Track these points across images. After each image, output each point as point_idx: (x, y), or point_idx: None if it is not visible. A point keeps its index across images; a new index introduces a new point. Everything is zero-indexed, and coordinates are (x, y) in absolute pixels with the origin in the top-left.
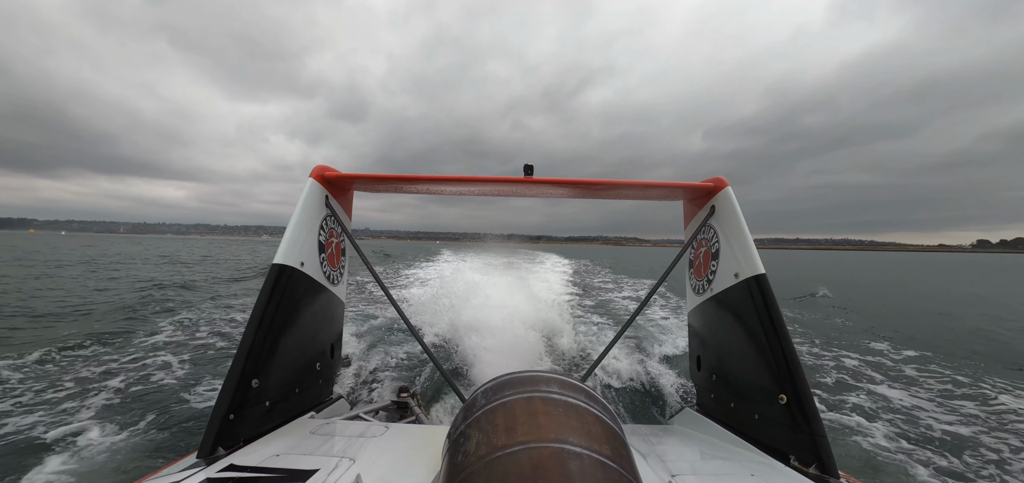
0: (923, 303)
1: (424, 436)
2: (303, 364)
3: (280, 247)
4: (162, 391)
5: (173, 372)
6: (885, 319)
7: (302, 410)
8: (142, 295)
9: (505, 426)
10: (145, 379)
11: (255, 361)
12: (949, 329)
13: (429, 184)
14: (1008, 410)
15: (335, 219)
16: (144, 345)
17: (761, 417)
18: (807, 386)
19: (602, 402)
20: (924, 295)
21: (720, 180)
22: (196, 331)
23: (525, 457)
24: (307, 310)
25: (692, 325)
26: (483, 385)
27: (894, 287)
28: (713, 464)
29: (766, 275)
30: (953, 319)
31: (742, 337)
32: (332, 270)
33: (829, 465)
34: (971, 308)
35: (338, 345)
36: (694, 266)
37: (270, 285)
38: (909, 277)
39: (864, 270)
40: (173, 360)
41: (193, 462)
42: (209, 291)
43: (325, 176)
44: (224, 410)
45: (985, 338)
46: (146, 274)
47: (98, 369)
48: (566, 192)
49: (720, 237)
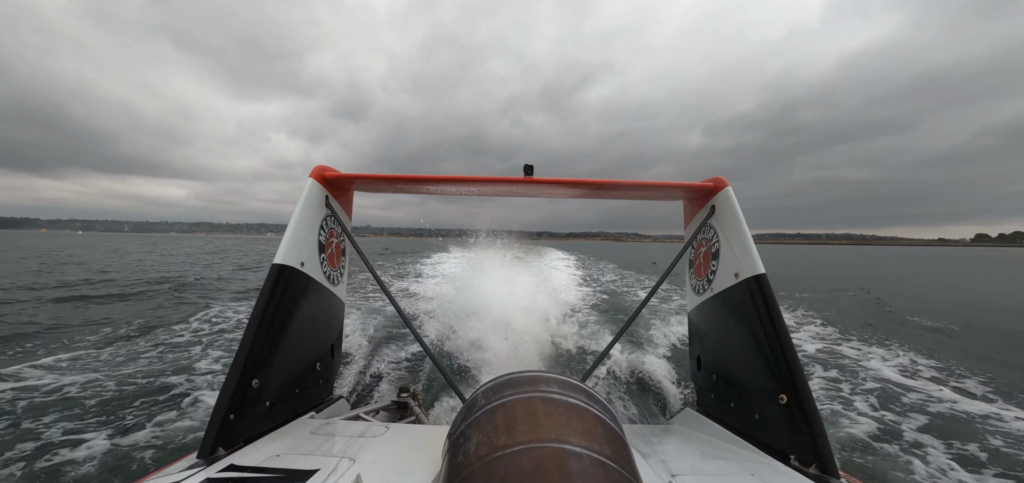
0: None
1: (424, 436)
2: (303, 364)
3: (280, 247)
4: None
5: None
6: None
7: (302, 410)
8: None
9: (505, 426)
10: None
11: (255, 361)
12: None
13: (429, 184)
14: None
15: (335, 219)
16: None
17: (761, 417)
18: (807, 386)
19: (602, 402)
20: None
21: (720, 180)
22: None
23: (525, 457)
24: (307, 310)
25: (692, 325)
26: (483, 385)
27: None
28: (713, 464)
29: (766, 275)
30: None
31: (742, 337)
32: (332, 270)
33: (829, 465)
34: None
35: (338, 345)
36: (694, 266)
37: (270, 285)
38: (931, 272)
39: (888, 267)
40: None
41: (193, 462)
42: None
43: (325, 176)
44: (224, 410)
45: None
46: (217, 260)
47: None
48: (566, 192)
49: (720, 237)
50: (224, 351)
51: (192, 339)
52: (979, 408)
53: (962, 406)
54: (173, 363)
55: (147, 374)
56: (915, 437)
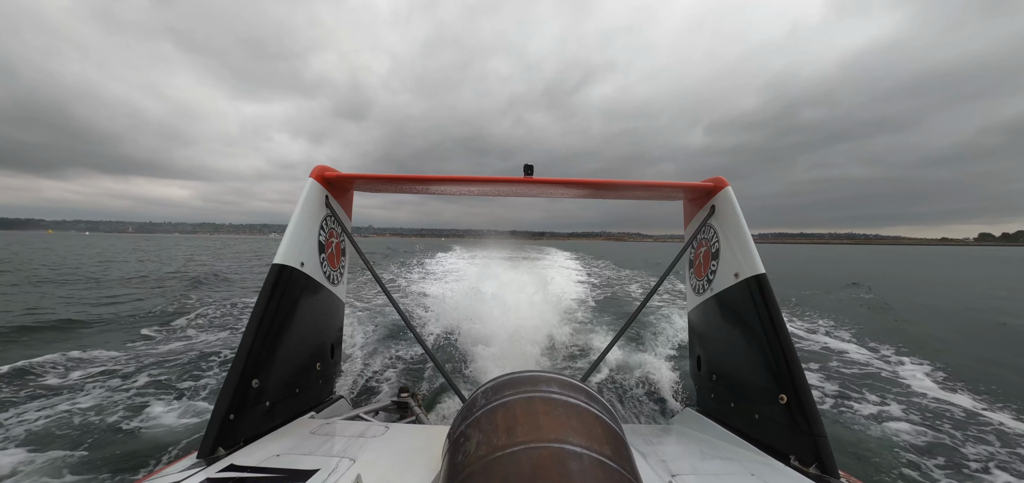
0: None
1: (424, 436)
2: (303, 364)
3: (280, 247)
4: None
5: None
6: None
7: (302, 410)
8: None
9: (505, 426)
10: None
11: (255, 361)
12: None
13: (429, 184)
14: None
15: (335, 219)
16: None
17: (761, 417)
18: (807, 386)
19: (602, 402)
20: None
21: (720, 180)
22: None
23: (525, 457)
24: (307, 310)
25: (692, 325)
26: (483, 385)
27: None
28: (713, 464)
29: (766, 275)
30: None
31: (742, 337)
32: (332, 270)
33: (829, 465)
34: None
35: (338, 345)
36: (694, 266)
37: (270, 285)
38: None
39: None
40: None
41: (193, 462)
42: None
43: (325, 176)
44: (224, 410)
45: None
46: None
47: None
48: (566, 192)
49: (720, 237)
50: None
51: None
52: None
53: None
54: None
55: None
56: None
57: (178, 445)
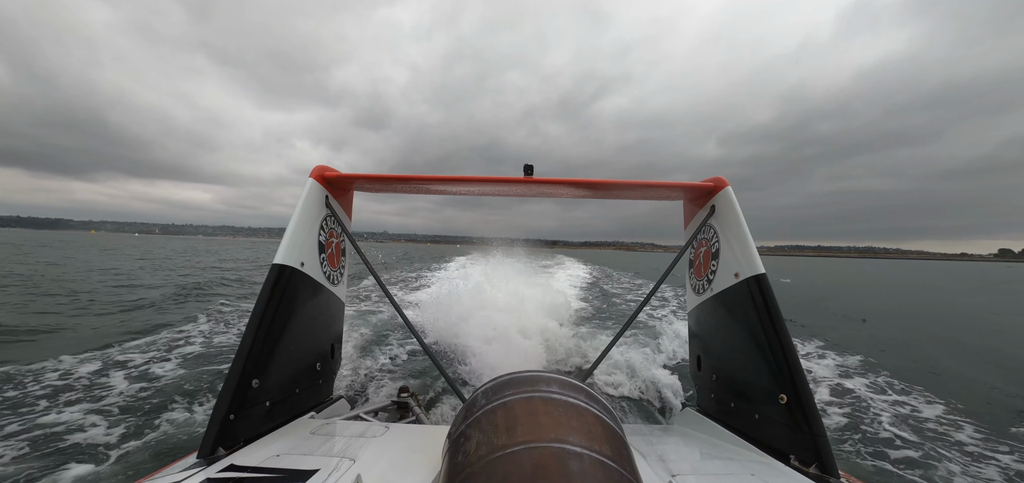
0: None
1: (424, 436)
2: (303, 364)
3: (280, 247)
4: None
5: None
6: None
7: (302, 410)
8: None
9: (505, 426)
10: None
11: (255, 361)
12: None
13: (429, 184)
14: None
15: (335, 219)
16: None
17: (761, 417)
18: (807, 386)
19: (602, 402)
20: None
21: (720, 180)
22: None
23: (525, 457)
24: (307, 310)
25: (692, 325)
26: (483, 385)
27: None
28: (713, 464)
29: (766, 275)
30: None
31: (742, 337)
32: (332, 270)
33: (829, 465)
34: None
35: (338, 345)
36: (694, 266)
37: (270, 285)
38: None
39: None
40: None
41: (193, 462)
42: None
43: (325, 176)
44: (224, 410)
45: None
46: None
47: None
48: (566, 192)
49: (720, 237)
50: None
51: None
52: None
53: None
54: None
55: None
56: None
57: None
